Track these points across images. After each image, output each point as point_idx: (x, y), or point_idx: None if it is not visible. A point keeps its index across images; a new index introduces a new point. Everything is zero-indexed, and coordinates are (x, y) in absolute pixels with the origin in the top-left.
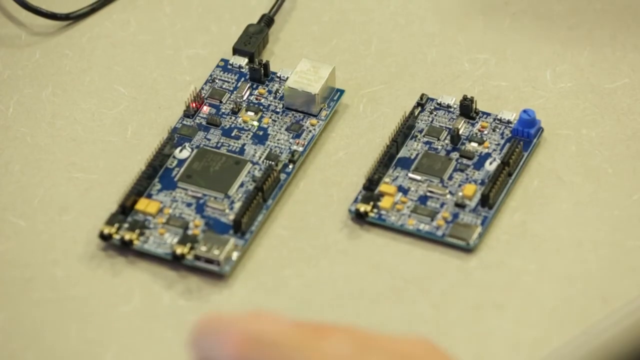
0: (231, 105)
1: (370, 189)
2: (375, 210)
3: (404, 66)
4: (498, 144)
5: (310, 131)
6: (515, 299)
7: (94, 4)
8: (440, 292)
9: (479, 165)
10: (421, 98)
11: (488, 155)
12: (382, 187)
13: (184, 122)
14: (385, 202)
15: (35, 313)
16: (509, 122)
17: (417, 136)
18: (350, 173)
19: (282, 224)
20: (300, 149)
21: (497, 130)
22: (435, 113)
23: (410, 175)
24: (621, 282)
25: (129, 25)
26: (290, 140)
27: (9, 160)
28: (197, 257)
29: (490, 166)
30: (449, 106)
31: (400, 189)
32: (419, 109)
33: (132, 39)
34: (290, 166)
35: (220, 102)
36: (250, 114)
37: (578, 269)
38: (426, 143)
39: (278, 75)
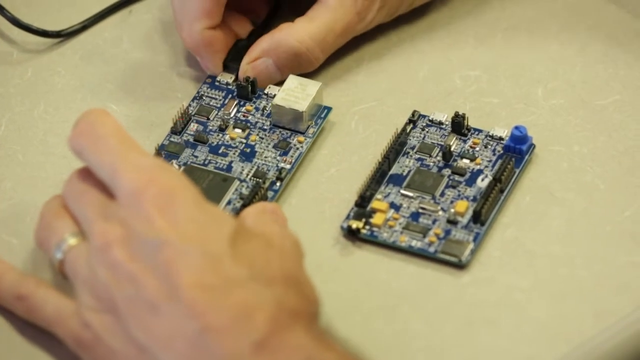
0: (218, 122)
1: (363, 206)
2: (367, 227)
3: (395, 83)
4: (490, 161)
5: (297, 148)
6: (507, 316)
7: (85, 21)
8: (433, 308)
9: (470, 182)
10: (413, 115)
11: (480, 171)
12: (374, 204)
13: (171, 139)
14: (377, 219)
15: (27, 331)
16: (500, 138)
17: (409, 153)
18: (342, 190)
19: None
20: (288, 166)
21: (489, 146)
22: (427, 130)
23: (402, 191)
24: (614, 298)
25: (121, 43)
26: (278, 158)
27: (1, 178)
28: None
29: (482, 183)
30: (440, 123)
31: (392, 205)
32: (411, 125)
33: (124, 56)
34: (278, 184)
35: (208, 119)
36: (238, 131)
37: (570, 285)
38: (418, 160)
39: (265, 92)
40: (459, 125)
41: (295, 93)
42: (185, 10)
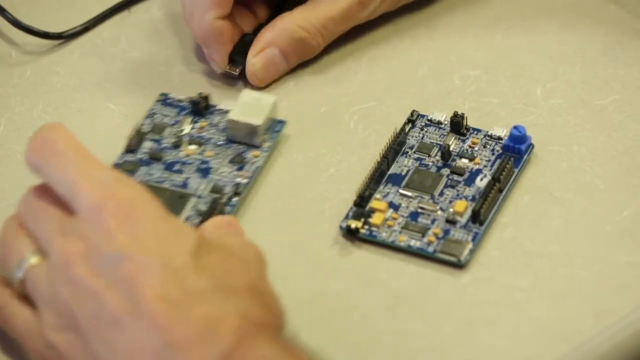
0: (173, 140)
1: (361, 206)
2: (366, 227)
3: (395, 83)
4: (489, 160)
5: (253, 163)
6: (507, 315)
7: (87, 22)
8: (432, 308)
9: (469, 182)
10: (412, 114)
11: (479, 171)
12: (373, 204)
13: (126, 158)
14: (376, 219)
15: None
16: (499, 138)
17: (407, 152)
18: (342, 190)
19: (273, 241)
20: (245, 180)
21: (488, 146)
22: (425, 129)
23: (401, 191)
24: (613, 298)
25: (120, 42)
26: (234, 173)
27: (0, 179)
28: None
29: (481, 182)
30: (439, 122)
31: (391, 205)
32: (410, 125)
33: (123, 55)
34: (235, 198)
35: (162, 136)
36: (193, 147)
37: (570, 285)
38: (417, 159)
39: (219, 108)
40: (457, 125)
41: (250, 107)
42: (196, 0)
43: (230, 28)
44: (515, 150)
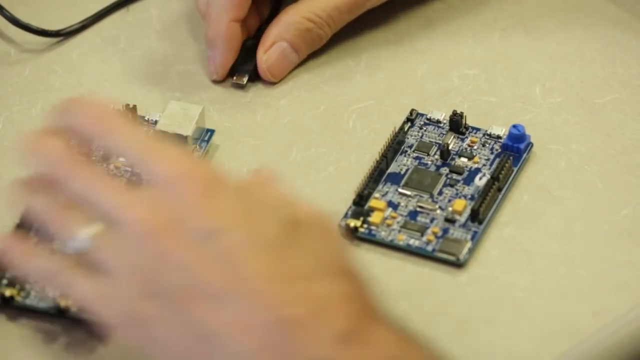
0: (101, 152)
1: (360, 205)
2: (365, 226)
3: (393, 82)
4: (488, 159)
5: None
6: (505, 314)
7: (85, 20)
8: (431, 306)
9: (468, 181)
10: (411, 113)
11: (478, 170)
12: (372, 203)
13: None
14: (375, 218)
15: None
16: (498, 137)
17: (406, 151)
18: (341, 189)
19: None
20: None
21: (487, 145)
22: (424, 128)
23: (400, 190)
24: (612, 297)
25: (119, 41)
26: None
27: None
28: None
29: (480, 181)
30: (438, 121)
31: (390, 204)
32: (409, 124)
33: (122, 54)
34: None
35: (90, 150)
36: (123, 159)
37: (568, 284)
38: (416, 158)
39: (146, 118)
40: (456, 124)
41: (178, 118)
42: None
43: (240, 35)
44: (514, 149)
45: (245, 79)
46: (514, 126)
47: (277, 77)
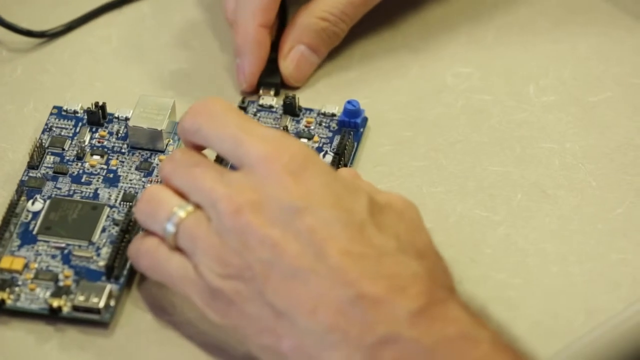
0: (75, 151)
1: None
2: None
3: (387, 81)
4: (327, 137)
5: None
6: (499, 313)
7: (71, 22)
8: None
9: None
10: (242, 101)
11: (320, 149)
12: None
13: (30, 174)
14: None
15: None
16: (333, 115)
17: None
18: None
19: None
20: None
21: (323, 124)
22: (258, 115)
23: None
24: (605, 295)
25: (111, 41)
26: (143, 179)
27: None
28: (75, 308)
29: (325, 159)
30: (271, 107)
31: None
32: (243, 112)
33: (114, 54)
34: None
35: (63, 149)
36: (97, 157)
37: (562, 283)
38: None
39: (116, 115)
40: (290, 107)
41: (150, 112)
42: (244, 3)
43: (268, 42)
44: (351, 124)
45: (272, 92)
46: (349, 102)
47: (300, 82)
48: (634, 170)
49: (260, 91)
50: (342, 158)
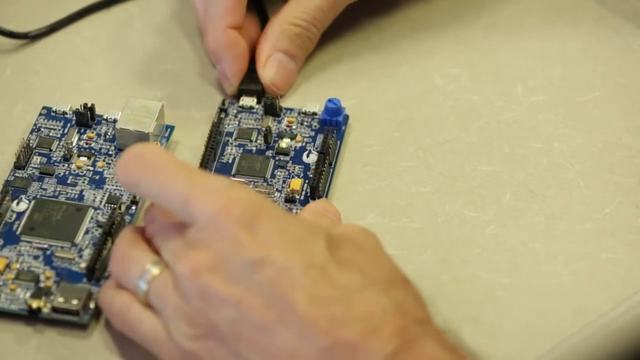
0: (62, 152)
1: None
2: None
3: (375, 82)
4: (310, 136)
5: None
6: (489, 313)
7: (55, 23)
8: None
9: (296, 160)
10: (223, 103)
11: (303, 148)
12: None
13: (16, 174)
14: None
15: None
16: (314, 113)
17: (228, 141)
18: None
19: None
20: None
21: (305, 123)
22: (239, 116)
23: (233, 179)
24: (595, 295)
25: (99, 41)
26: None
27: None
28: (54, 309)
29: (308, 158)
30: (251, 107)
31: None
32: (224, 114)
33: (103, 55)
34: (133, 207)
35: (50, 150)
36: (83, 159)
37: (551, 282)
38: (239, 146)
39: (104, 117)
40: (271, 107)
41: (137, 115)
42: (209, 9)
43: (242, 42)
44: (333, 122)
45: (255, 99)
46: (330, 100)
47: (282, 89)
48: (622, 170)
49: (242, 99)
50: (326, 157)
